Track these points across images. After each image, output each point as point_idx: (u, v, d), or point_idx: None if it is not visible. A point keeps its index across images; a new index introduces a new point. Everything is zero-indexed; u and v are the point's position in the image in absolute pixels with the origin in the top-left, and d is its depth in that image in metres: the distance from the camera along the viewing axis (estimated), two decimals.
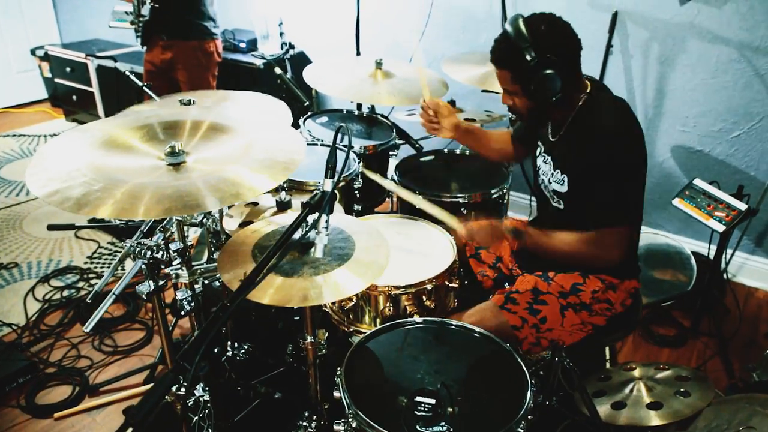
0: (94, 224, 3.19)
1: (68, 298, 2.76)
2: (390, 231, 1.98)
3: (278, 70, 2.72)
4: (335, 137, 1.41)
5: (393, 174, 2.54)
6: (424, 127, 2.13)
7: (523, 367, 1.42)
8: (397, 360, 1.48)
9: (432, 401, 1.24)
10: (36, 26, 5.24)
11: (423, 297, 1.75)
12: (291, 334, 2.27)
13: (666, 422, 1.67)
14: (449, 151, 2.71)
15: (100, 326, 2.51)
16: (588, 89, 1.69)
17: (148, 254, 1.50)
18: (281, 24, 3.84)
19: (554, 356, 1.80)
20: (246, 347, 2.19)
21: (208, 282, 1.79)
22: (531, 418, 1.32)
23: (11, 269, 2.97)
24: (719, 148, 2.83)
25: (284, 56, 3.80)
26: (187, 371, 0.96)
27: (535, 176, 1.94)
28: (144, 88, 2.40)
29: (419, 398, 1.25)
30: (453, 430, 1.25)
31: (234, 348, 2.16)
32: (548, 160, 1.81)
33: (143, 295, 1.54)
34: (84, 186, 1.25)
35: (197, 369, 0.95)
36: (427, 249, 1.92)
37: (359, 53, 3.39)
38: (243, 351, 2.18)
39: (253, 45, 3.97)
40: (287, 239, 1.24)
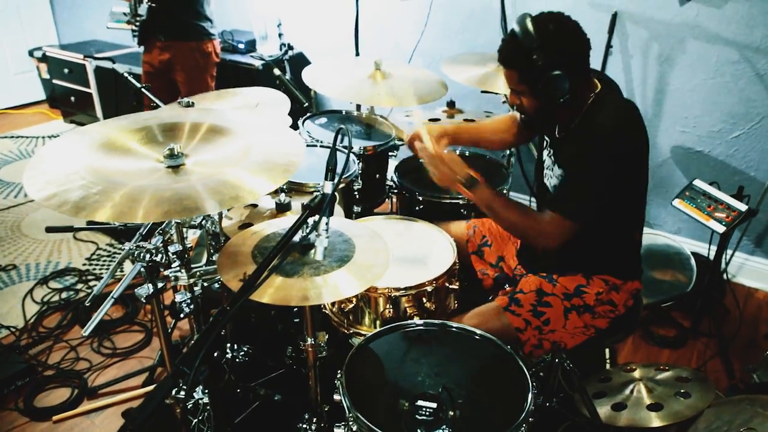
0: (93, 226, 3.18)
1: (67, 300, 2.75)
2: (390, 232, 1.98)
3: (277, 71, 2.71)
4: (335, 139, 1.40)
5: (392, 175, 2.54)
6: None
7: (524, 370, 1.42)
8: (398, 362, 1.47)
9: (433, 405, 1.24)
10: (33, 27, 5.22)
11: (423, 299, 1.75)
12: (291, 336, 2.27)
13: (666, 423, 1.67)
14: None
15: (99, 328, 2.50)
16: (597, 88, 1.67)
17: (147, 257, 1.49)
18: (280, 25, 3.83)
19: (554, 357, 1.80)
20: (245, 349, 2.19)
21: (208, 284, 1.78)
22: (532, 421, 1.32)
23: (9, 271, 2.96)
24: (719, 149, 2.83)
25: (283, 57, 3.80)
26: (187, 375, 0.95)
27: (539, 171, 1.92)
28: (142, 90, 2.40)
29: (421, 402, 1.25)
30: None
31: (234, 350, 2.15)
32: (551, 154, 1.80)
33: (142, 298, 1.53)
34: (82, 189, 1.24)
35: (197, 373, 0.94)
36: (427, 250, 1.92)
37: (358, 54, 3.38)
38: (242, 353, 2.17)
39: (252, 46, 3.96)
40: (287, 241, 1.24)
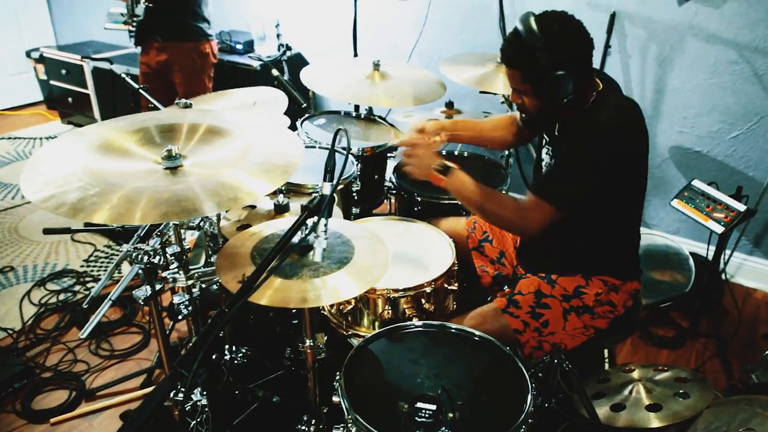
0: (91, 228, 3.17)
1: (64, 302, 2.74)
2: (388, 233, 1.97)
3: (275, 72, 2.70)
4: (334, 140, 1.40)
5: (391, 176, 2.53)
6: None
7: (524, 371, 1.41)
8: (397, 364, 1.47)
9: (433, 407, 1.23)
10: (31, 28, 5.20)
11: (422, 300, 1.74)
12: (289, 338, 2.26)
13: (665, 424, 1.67)
14: (448, 153, 2.70)
15: (97, 330, 2.50)
16: (599, 87, 1.66)
17: (145, 259, 1.49)
18: (278, 25, 3.82)
19: (553, 358, 1.79)
20: (244, 351, 2.18)
21: (206, 286, 1.77)
22: (531, 422, 1.32)
23: (7, 273, 2.95)
24: (717, 149, 2.83)
25: (281, 58, 3.79)
26: (185, 378, 0.95)
27: (538, 172, 1.92)
28: (140, 91, 2.39)
29: (420, 404, 1.24)
30: None
31: (232, 351, 2.15)
32: (550, 152, 1.80)
33: (140, 300, 1.52)
34: (80, 191, 1.23)
35: (195, 376, 0.93)
36: (426, 251, 1.91)
37: (356, 54, 3.38)
38: (241, 354, 2.17)
39: (250, 46, 3.95)
40: (286, 243, 1.23)
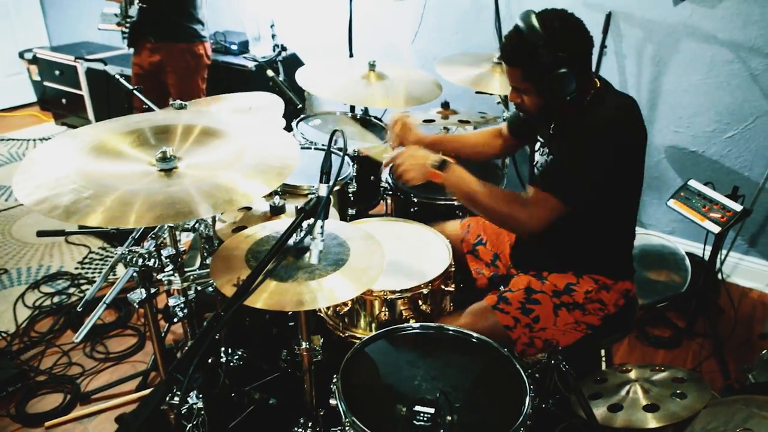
0: (85, 230, 3.15)
1: (59, 305, 2.73)
2: (385, 234, 1.96)
3: (270, 73, 2.69)
4: (330, 141, 1.39)
5: (387, 176, 2.53)
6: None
7: (522, 372, 1.41)
8: (395, 366, 1.46)
9: (431, 410, 1.22)
10: (24, 29, 5.18)
11: (419, 301, 1.74)
12: (285, 340, 2.25)
13: (663, 424, 1.66)
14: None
15: (92, 333, 2.47)
16: (597, 86, 1.66)
17: (140, 262, 1.48)
18: (273, 26, 3.81)
19: (550, 358, 1.79)
20: (240, 353, 2.17)
21: (201, 288, 1.76)
22: (530, 424, 1.31)
23: (0, 275, 2.93)
24: (713, 149, 2.83)
25: (276, 58, 3.78)
26: (181, 383, 0.94)
27: (531, 172, 1.92)
28: (134, 92, 2.37)
29: (418, 407, 1.23)
30: None
31: (228, 354, 2.14)
32: (545, 153, 1.79)
33: (135, 303, 1.51)
34: (73, 193, 1.22)
35: (191, 381, 0.92)
36: (423, 252, 1.91)
37: (352, 55, 3.37)
38: (237, 357, 2.16)
39: (245, 47, 3.94)
40: (282, 245, 1.22)
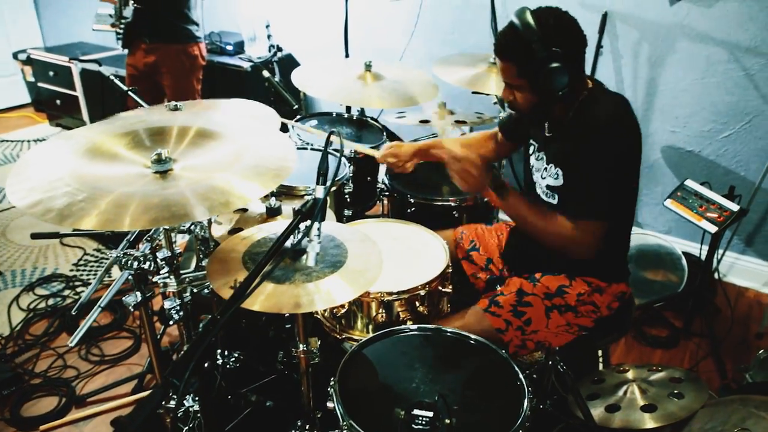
0: (79, 232, 3.13)
1: (54, 307, 2.71)
2: (382, 235, 1.96)
3: (266, 73, 2.68)
4: (326, 143, 1.38)
5: (384, 177, 2.52)
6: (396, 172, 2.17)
7: (519, 375, 1.40)
8: (392, 368, 1.45)
9: (429, 414, 1.21)
10: (18, 30, 5.15)
11: (416, 303, 1.73)
12: (282, 342, 2.24)
13: (660, 425, 1.66)
14: None
15: (87, 335, 2.46)
16: (589, 86, 1.68)
17: (135, 265, 1.47)
18: (268, 26, 3.80)
19: (548, 359, 1.79)
20: (236, 355, 2.16)
21: (197, 291, 1.75)
22: (528, 425, 1.31)
23: None
24: (709, 149, 2.83)
25: (272, 59, 3.77)
26: (177, 387, 0.93)
27: (527, 175, 1.92)
28: (129, 93, 2.36)
29: (417, 411, 1.23)
30: None
31: (224, 356, 2.12)
32: (541, 156, 1.79)
33: (130, 307, 1.50)
34: (67, 196, 1.21)
35: (187, 385, 0.91)
36: (420, 253, 1.90)
37: (348, 55, 3.36)
38: (233, 359, 2.14)
39: (240, 47, 3.93)
40: (279, 247, 1.22)
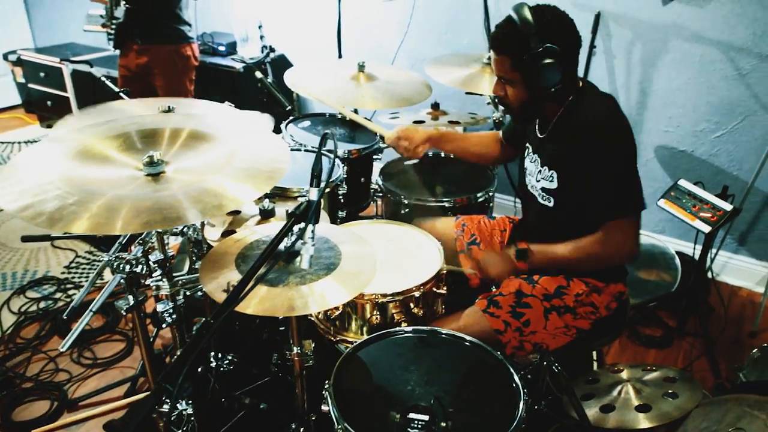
0: (71, 235, 3.11)
1: (45, 310, 2.69)
2: (375, 237, 1.95)
3: (259, 74, 2.67)
4: (320, 144, 1.37)
5: (378, 178, 2.51)
6: (405, 155, 2.18)
7: (515, 376, 1.40)
8: (387, 371, 1.44)
9: (425, 417, 1.21)
10: (8, 30, 5.10)
11: (411, 304, 1.72)
12: (276, 344, 2.23)
13: (655, 425, 1.67)
14: (434, 155, 2.69)
15: (79, 338, 2.42)
16: (579, 85, 1.71)
17: (127, 268, 1.45)
18: (261, 27, 3.78)
19: (542, 360, 1.79)
20: (230, 358, 2.15)
21: (190, 293, 1.74)
22: (524, 427, 1.30)
23: None
24: (702, 148, 2.84)
25: (265, 59, 3.75)
26: (170, 393, 0.92)
27: (521, 177, 1.92)
28: (120, 94, 2.35)
29: (412, 414, 1.22)
30: None
31: (218, 359, 2.11)
32: (535, 159, 1.80)
33: (122, 310, 1.49)
34: (58, 199, 1.20)
35: (180, 390, 0.90)
36: (414, 254, 1.89)
37: (341, 56, 3.35)
38: (227, 362, 2.13)
39: (233, 48, 3.91)
40: (273, 250, 1.21)
